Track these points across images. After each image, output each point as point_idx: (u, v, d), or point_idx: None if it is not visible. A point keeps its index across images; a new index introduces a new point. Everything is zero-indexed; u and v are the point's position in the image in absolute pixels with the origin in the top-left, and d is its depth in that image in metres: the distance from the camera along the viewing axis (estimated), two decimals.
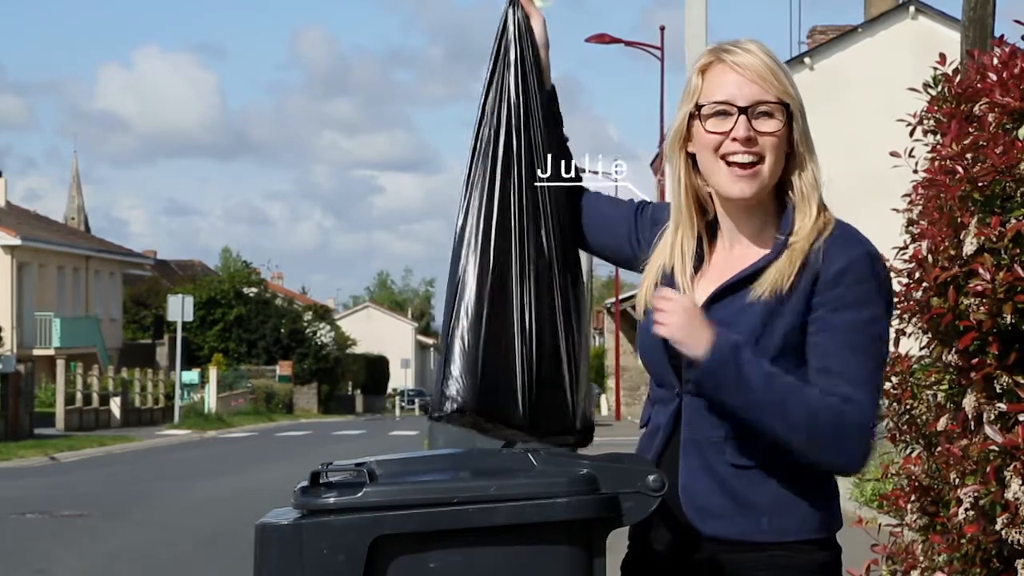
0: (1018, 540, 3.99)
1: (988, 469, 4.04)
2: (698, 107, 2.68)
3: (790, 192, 2.69)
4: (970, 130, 4.34)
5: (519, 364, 2.76)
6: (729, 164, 2.65)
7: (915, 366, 4.90)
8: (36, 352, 46.40)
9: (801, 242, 2.64)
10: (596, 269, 62.40)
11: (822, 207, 2.70)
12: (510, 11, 2.89)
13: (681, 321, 2.56)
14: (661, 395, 2.76)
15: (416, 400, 79.10)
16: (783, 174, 2.68)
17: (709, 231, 2.78)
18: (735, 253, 2.73)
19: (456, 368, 2.76)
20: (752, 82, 2.63)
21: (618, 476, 2.49)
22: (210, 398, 49.58)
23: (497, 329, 2.77)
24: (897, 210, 4.87)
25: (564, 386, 2.81)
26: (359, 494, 2.40)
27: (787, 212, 2.69)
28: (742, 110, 2.62)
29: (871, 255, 2.66)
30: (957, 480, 4.25)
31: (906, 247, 4.66)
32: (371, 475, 2.43)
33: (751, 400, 2.54)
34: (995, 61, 4.41)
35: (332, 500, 2.40)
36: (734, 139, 2.63)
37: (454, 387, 2.76)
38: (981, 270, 4.06)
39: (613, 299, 47.64)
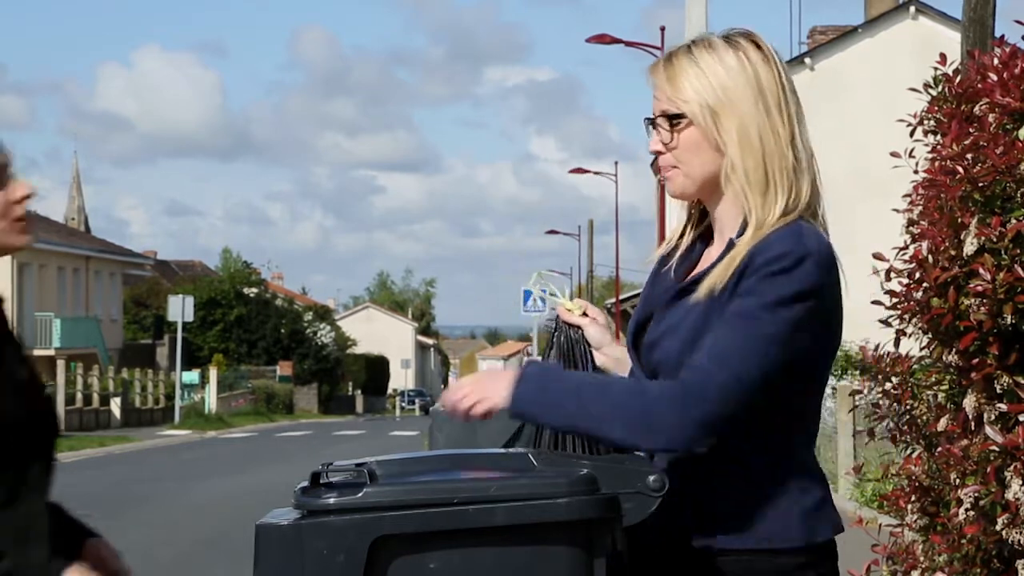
0: (1018, 540, 3.98)
1: (988, 469, 4.04)
2: None
3: (733, 190, 2.68)
4: (970, 130, 4.33)
5: None
6: (660, 168, 2.76)
7: (915, 366, 4.89)
8: (36, 352, 46.38)
9: (744, 243, 2.62)
10: (596, 270, 62.37)
11: (783, 203, 2.65)
12: (556, 334, 2.92)
13: (471, 386, 2.62)
14: None
15: (416, 400, 79.13)
16: (723, 172, 2.68)
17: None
18: (709, 257, 2.76)
19: None
20: (658, 98, 2.72)
21: (618, 476, 2.49)
22: (210, 398, 49.58)
23: None
24: (897, 210, 4.86)
25: None
26: (359, 494, 2.40)
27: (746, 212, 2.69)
28: (651, 123, 2.73)
29: (796, 254, 2.57)
30: (957, 480, 4.25)
31: (906, 247, 4.65)
32: (371, 475, 2.43)
33: (567, 413, 2.57)
34: (995, 61, 4.41)
35: (332, 500, 2.40)
36: (649, 151, 2.77)
37: None
38: (981, 270, 4.06)
39: (613, 299, 47.63)
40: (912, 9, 31.63)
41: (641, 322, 2.77)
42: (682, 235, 2.83)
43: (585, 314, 2.91)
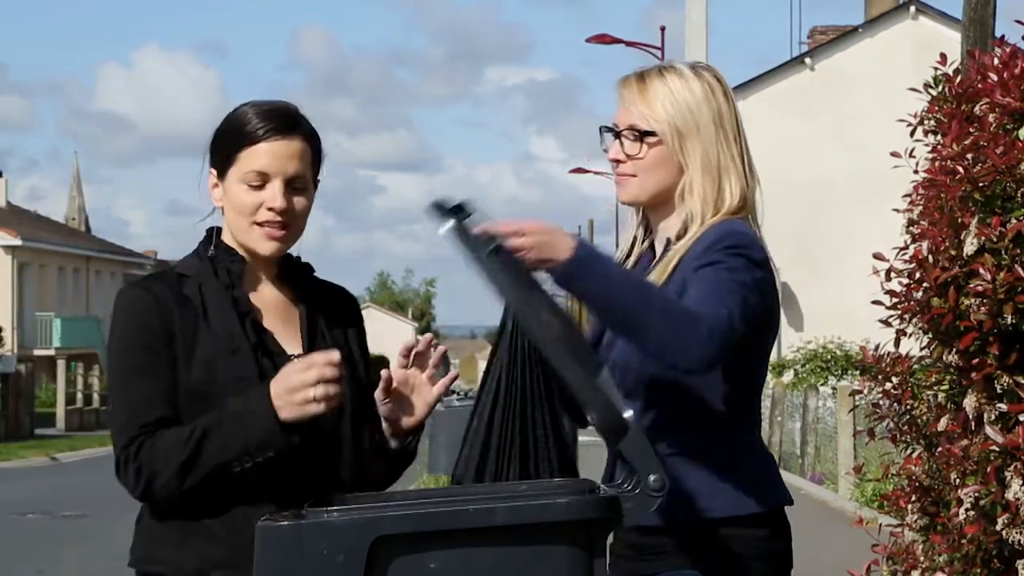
0: (1019, 540, 3.99)
1: (989, 469, 4.04)
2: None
3: (686, 208, 2.94)
4: (971, 130, 4.33)
5: None
6: (614, 174, 3.00)
7: (915, 366, 4.89)
8: (37, 352, 46.39)
9: (682, 244, 2.89)
10: None
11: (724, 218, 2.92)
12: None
13: (534, 235, 2.60)
14: None
15: None
16: (679, 190, 2.93)
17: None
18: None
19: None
20: (627, 110, 2.95)
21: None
22: None
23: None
24: (897, 210, 4.86)
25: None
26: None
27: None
28: (616, 134, 2.97)
29: (748, 235, 2.86)
30: (958, 480, 4.25)
31: (906, 247, 4.65)
32: None
33: (614, 289, 2.62)
34: (996, 61, 4.41)
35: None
36: (609, 159, 3.00)
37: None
38: (982, 270, 4.06)
39: None
40: (912, 9, 31.65)
41: (599, 330, 2.99)
42: (631, 248, 3.06)
43: None
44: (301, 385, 2.61)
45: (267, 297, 2.87)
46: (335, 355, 2.64)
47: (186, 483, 2.69)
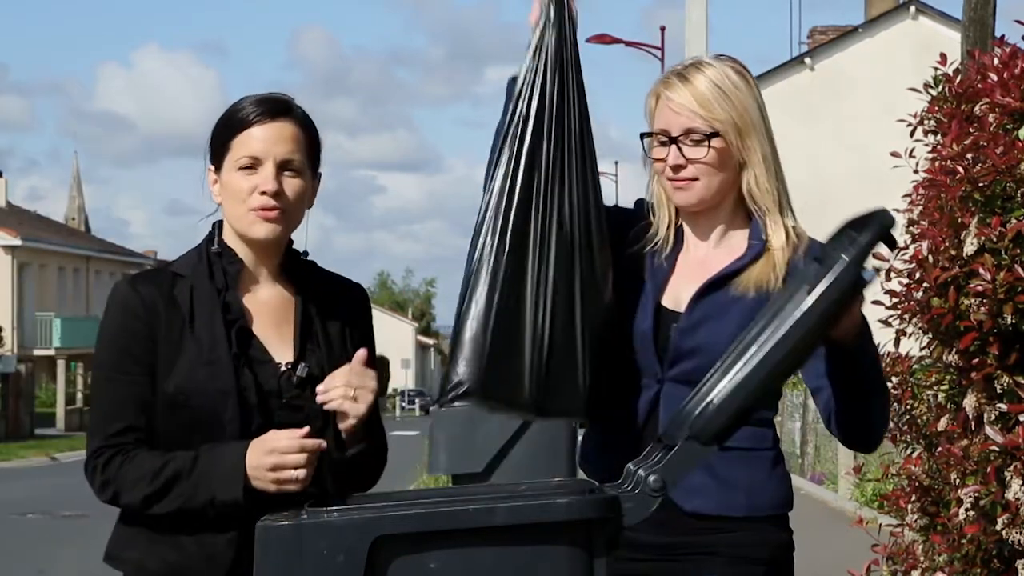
0: (1018, 540, 3.99)
1: (989, 469, 4.04)
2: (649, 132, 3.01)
3: (755, 204, 2.97)
4: (970, 130, 4.34)
5: (529, 345, 2.83)
6: (670, 180, 2.95)
7: (915, 366, 4.90)
8: (36, 352, 46.39)
9: (778, 251, 2.94)
10: None
11: (792, 220, 3.00)
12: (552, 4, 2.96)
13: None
14: (639, 383, 2.96)
15: (416, 400, 79.05)
16: (745, 187, 2.96)
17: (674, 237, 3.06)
18: (699, 256, 2.99)
19: (464, 352, 2.83)
20: (680, 114, 2.92)
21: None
22: None
23: (509, 307, 2.83)
24: (897, 210, 4.85)
25: (576, 365, 2.86)
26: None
27: (755, 221, 2.97)
28: (672, 140, 2.92)
29: None
30: (958, 480, 4.26)
31: (906, 247, 4.65)
32: None
33: (878, 364, 2.85)
34: (996, 61, 4.41)
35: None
36: (668, 165, 2.94)
37: (461, 370, 2.83)
38: (981, 270, 4.06)
39: None
40: (912, 9, 31.62)
41: (656, 310, 2.96)
42: (663, 236, 3.04)
43: None
44: (282, 466, 2.60)
45: (265, 298, 2.83)
46: (323, 443, 2.63)
47: (149, 511, 2.70)
